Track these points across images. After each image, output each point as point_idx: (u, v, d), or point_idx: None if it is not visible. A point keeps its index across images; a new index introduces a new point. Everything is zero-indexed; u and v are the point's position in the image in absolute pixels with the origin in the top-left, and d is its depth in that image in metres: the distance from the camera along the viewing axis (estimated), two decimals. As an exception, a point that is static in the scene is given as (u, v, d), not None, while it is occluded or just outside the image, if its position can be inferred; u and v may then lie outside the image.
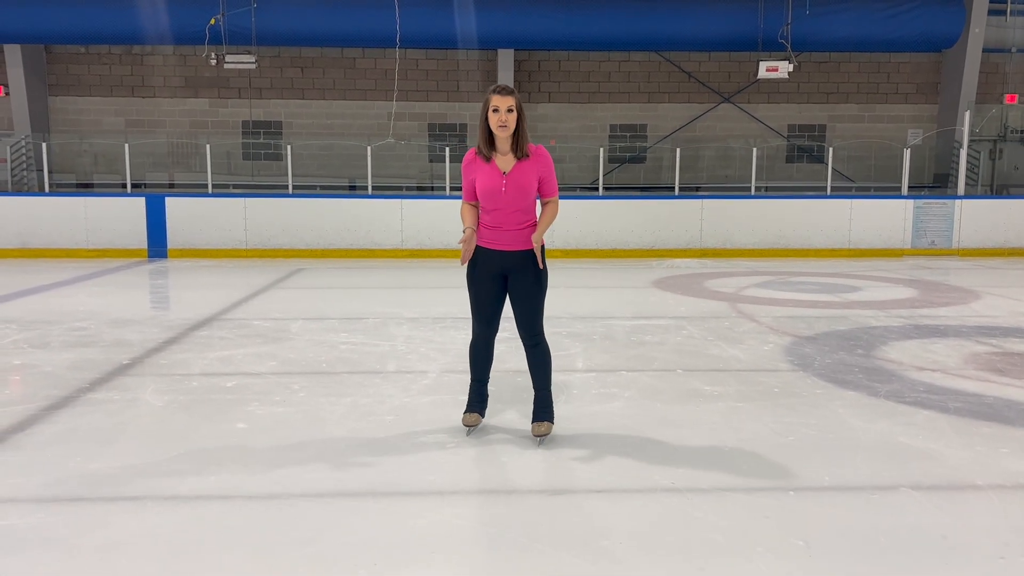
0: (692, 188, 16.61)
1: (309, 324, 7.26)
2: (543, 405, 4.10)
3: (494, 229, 3.93)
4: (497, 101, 3.74)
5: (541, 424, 4.05)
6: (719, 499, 3.36)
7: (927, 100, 18.08)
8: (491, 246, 3.95)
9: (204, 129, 17.49)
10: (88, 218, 13.07)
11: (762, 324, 7.31)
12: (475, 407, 4.20)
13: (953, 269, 11.84)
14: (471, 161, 3.94)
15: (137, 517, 3.17)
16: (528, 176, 3.87)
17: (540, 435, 4.03)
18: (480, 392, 4.21)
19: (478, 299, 4.05)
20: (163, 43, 16.57)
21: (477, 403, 4.21)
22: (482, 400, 4.22)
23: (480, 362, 4.17)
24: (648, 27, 16.07)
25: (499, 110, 3.74)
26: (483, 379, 4.21)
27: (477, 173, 3.90)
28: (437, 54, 17.53)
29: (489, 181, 3.86)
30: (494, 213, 3.90)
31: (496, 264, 3.96)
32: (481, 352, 4.15)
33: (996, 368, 5.63)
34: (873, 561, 2.82)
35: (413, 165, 17.63)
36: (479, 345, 4.15)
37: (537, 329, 4.04)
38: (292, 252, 13.17)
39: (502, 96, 3.75)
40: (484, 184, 3.87)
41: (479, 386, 4.21)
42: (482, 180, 3.87)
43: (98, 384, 5.16)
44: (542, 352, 4.06)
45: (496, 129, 3.77)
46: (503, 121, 3.74)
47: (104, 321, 7.33)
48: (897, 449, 3.97)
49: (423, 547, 2.93)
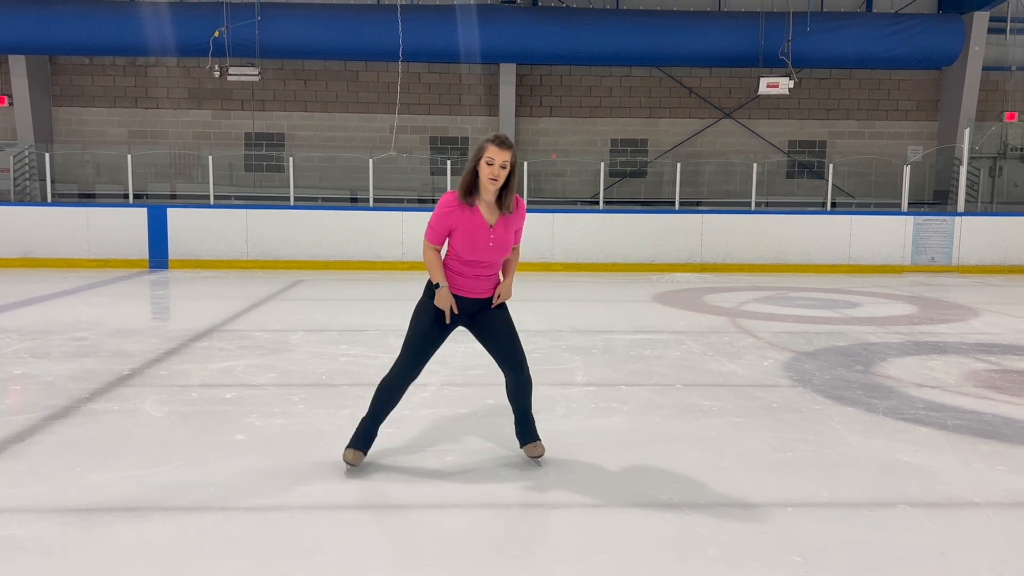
0: (693, 203, 16.65)
1: (309, 336, 7.27)
2: (532, 424, 4.01)
3: (465, 277, 3.75)
4: (494, 153, 3.54)
5: (537, 444, 4.00)
6: (717, 514, 3.36)
7: (927, 117, 18.15)
8: (460, 293, 3.77)
9: (207, 140, 17.57)
10: (90, 228, 13.11)
11: (762, 339, 7.32)
12: (363, 444, 3.84)
13: (953, 286, 11.85)
14: (455, 208, 3.65)
15: (136, 527, 3.18)
16: (510, 231, 3.75)
17: (539, 455, 3.99)
18: (372, 431, 3.87)
19: (425, 337, 3.78)
20: (167, 55, 16.67)
21: (365, 441, 3.85)
22: (371, 439, 3.88)
23: (391, 403, 3.85)
24: (649, 43, 16.15)
25: (494, 163, 3.55)
26: (382, 419, 3.89)
27: (460, 221, 3.64)
28: (439, 68, 17.62)
29: (475, 232, 3.65)
30: (471, 264, 3.72)
31: (461, 309, 3.77)
32: (397, 392, 3.83)
33: (995, 385, 5.63)
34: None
35: (415, 178, 17.69)
36: (398, 385, 3.81)
37: (524, 357, 3.94)
38: (293, 263, 13.20)
39: (500, 149, 3.55)
40: (468, 235, 3.64)
41: (373, 425, 3.86)
42: (466, 230, 3.64)
43: (98, 394, 5.16)
44: (529, 377, 3.96)
45: (486, 181, 3.58)
46: (495, 176, 3.56)
47: (105, 331, 7.35)
48: (895, 466, 3.97)
49: (421, 560, 2.93)
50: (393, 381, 3.81)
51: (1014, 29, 17.86)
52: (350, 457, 3.80)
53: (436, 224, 3.71)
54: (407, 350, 3.80)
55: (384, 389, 3.83)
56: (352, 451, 3.81)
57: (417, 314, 3.81)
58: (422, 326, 3.79)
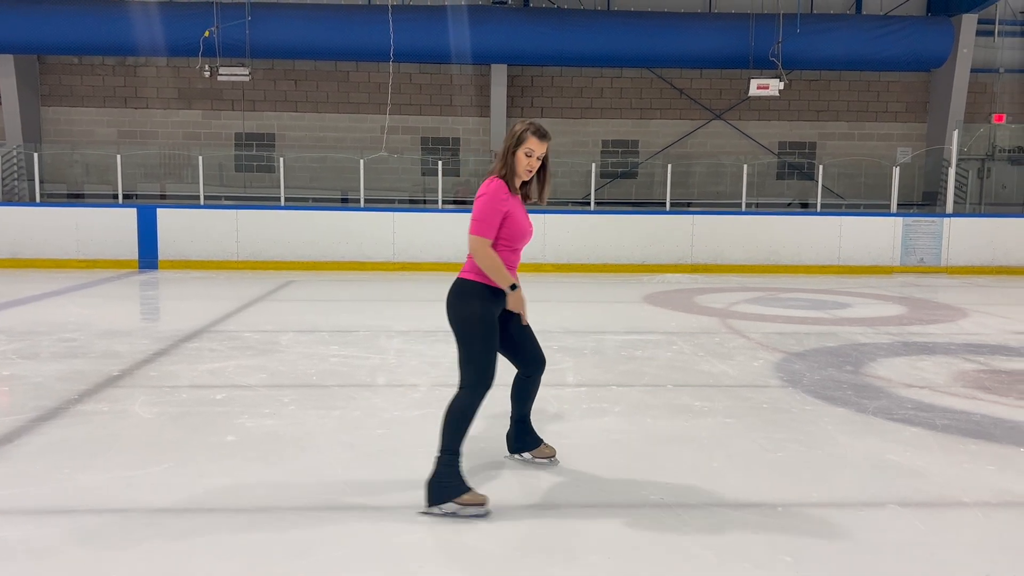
0: (683, 204, 16.69)
1: (300, 336, 7.25)
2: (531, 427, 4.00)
3: (511, 268, 3.59)
4: (534, 145, 3.48)
5: (549, 445, 4.00)
6: (708, 515, 3.37)
7: (916, 119, 18.25)
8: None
9: (197, 141, 17.51)
10: (79, 228, 13.04)
11: (752, 340, 7.35)
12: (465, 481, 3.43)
13: (941, 287, 11.92)
14: (508, 195, 3.50)
15: (125, 529, 3.16)
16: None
17: (554, 454, 3.98)
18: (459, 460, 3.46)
19: (493, 346, 3.48)
20: (156, 54, 16.61)
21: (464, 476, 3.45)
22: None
23: (469, 426, 3.46)
24: (640, 44, 16.19)
25: (533, 155, 3.49)
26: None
27: (512, 208, 3.51)
28: (431, 68, 17.61)
29: (521, 218, 3.56)
30: (516, 252, 3.61)
31: (500, 305, 3.55)
32: (476, 414, 3.47)
33: (983, 386, 5.67)
34: (860, 577, 2.84)
35: (406, 178, 17.67)
36: (479, 404, 3.45)
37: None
38: (284, 264, 13.16)
39: (541, 141, 3.50)
40: (518, 222, 3.52)
41: (460, 456, 3.45)
42: (516, 217, 3.51)
43: (87, 396, 5.14)
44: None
45: (523, 172, 3.52)
46: (532, 167, 3.52)
47: (94, 332, 7.31)
48: (885, 466, 3.99)
49: (412, 561, 2.93)
50: (474, 402, 3.43)
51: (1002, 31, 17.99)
52: (479, 499, 3.36)
53: (492, 217, 3.43)
54: (484, 365, 3.43)
55: (462, 415, 3.41)
56: (474, 494, 3.37)
57: (472, 325, 3.43)
58: (485, 335, 3.45)
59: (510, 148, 3.51)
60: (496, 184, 3.47)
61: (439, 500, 3.34)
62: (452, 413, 3.42)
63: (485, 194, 3.45)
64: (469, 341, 3.44)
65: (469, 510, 3.33)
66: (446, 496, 3.33)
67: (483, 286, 3.47)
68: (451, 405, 3.44)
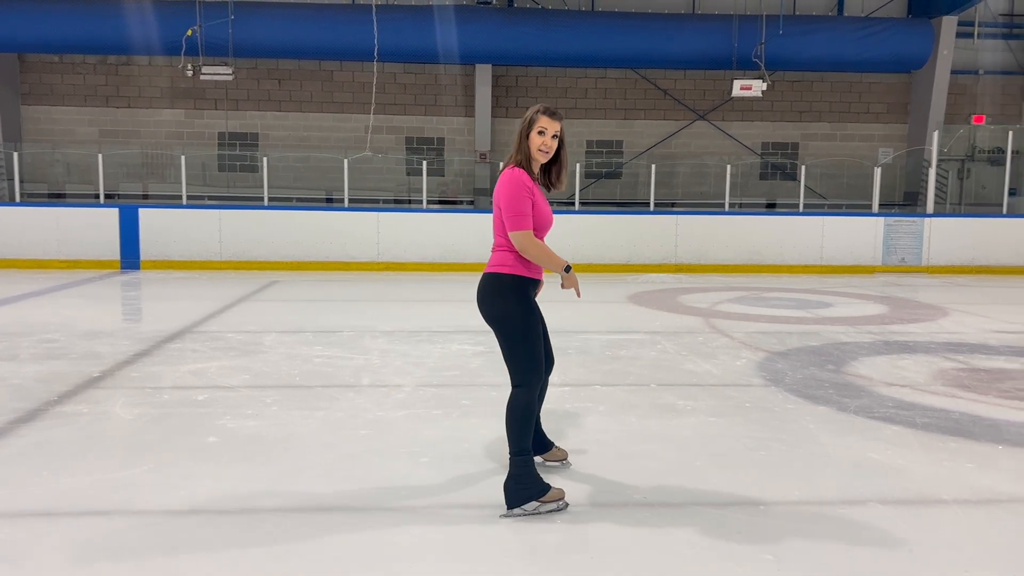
0: (667, 204, 16.75)
1: (283, 337, 7.22)
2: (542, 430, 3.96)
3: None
4: (546, 123, 3.39)
5: (560, 448, 3.99)
6: (690, 514, 3.38)
7: (897, 120, 18.40)
8: (536, 275, 3.51)
9: (179, 140, 17.39)
10: (60, 229, 12.92)
11: (735, 339, 7.38)
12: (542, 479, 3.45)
13: (922, 286, 12.03)
14: (532, 183, 3.40)
15: (104, 531, 3.14)
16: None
17: (564, 457, 3.97)
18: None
19: (538, 337, 3.43)
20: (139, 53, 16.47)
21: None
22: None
23: (534, 418, 3.46)
24: (624, 44, 16.22)
25: (546, 133, 3.39)
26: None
27: (537, 196, 3.41)
28: (415, 68, 17.58)
29: (543, 205, 3.45)
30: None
31: (534, 293, 3.53)
32: (536, 404, 3.47)
33: (963, 384, 5.72)
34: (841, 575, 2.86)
35: (390, 178, 17.63)
36: (535, 396, 3.43)
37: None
38: (267, 264, 13.10)
39: (552, 119, 3.40)
40: (541, 209, 3.42)
41: (531, 452, 3.45)
42: (539, 205, 3.41)
43: (67, 397, 5.09)
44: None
45: (537, 153, 3.41)
46: (548, 147, 3.41)
47: (75, 333, 7.25)
48: (866, 464, 4.02)
49: (395, 562, 2.92)
50: (531, 398, 3.40)
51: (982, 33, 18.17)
52: (558, 494, 3.40)
53: (524, 206, 3.33)
54: (528, 361, 3.37)
55: (526, 410, 3.38)
56: (555, 490, 3.40)
57: (514, 322, 3.38)
58: (527, 329, 3.39)
59: (523, 132, 3.43)
60: (516, 171, 3.37)
61: (521, 501, 3.33)
62: (513, 413, 3.38)
63: (507, 184, 3.34)
64: (513, 338, 3.38)
65: (549, 506, 3.35)
66: (527, 496, 3.34)
67: (516, 278, 3.40)
68: (510, 406, 3.40)
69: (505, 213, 3.35)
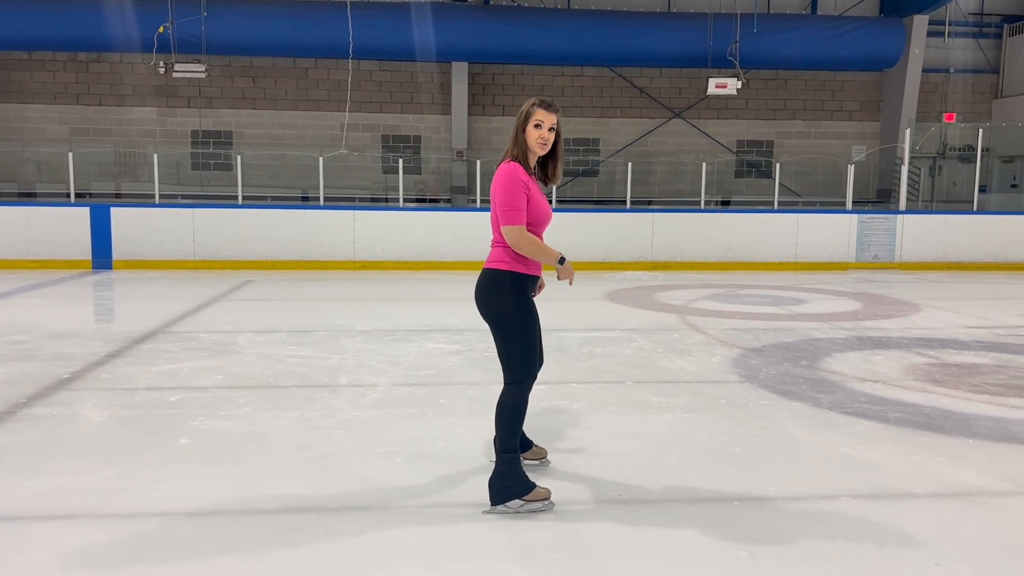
0: (644, 202, 16.81)
1: (257, 337, 7.15)
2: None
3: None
4: (542, 116, 3.38)
5: (540, 447, 3.99)
6: (666, 510, 3.39)
7: (870, 118, 18.61)
8: (535, 272, 3.47)
9: (152, 138, 17.19)
10: (30, 228, 12.71)
11: (710, 336, 7.42)
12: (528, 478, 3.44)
13: (895, 282, 12.16)
14: (527, 178, 3.36)
15: (71, 535, 3.08)
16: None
17: (544, 456, 3.97)
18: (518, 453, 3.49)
19: (534, 333, 3.43)
20: (110, 50, 16.27)
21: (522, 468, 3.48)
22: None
23: (524, 415, 3.46)
24: (600, 42, 16.26)
25: (542, 126, 3.38)
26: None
27: (533, 191, 3.38)
28: (391, 66, 17.51)
29: (541, 201, 3.41)
30: (539, 236, 3.49)
31: (532, 290, 3.49)
32: (527, 403, 3.46)
33: (934, 379, 5.79)
34: (815, 570, 2.87)
35: (366, 177, 17.55)
36: (527, 393, 3.43)
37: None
38: (241, 264, 12.97)
39: (548, 112, 3.39)
40: (538, 204, 3.39)
41: (518, 449, 3.48)
42: (535, 200, 3.38)
43: (36, 399, 5.01)
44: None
45: (535, 146, 3.38)
46: (545, 139, 3.39)
47: (44, 334, 7.14)
48: (839, 459, 4.05)
49: (368, 563, 2.90)
50: (523, 396, 3.41)
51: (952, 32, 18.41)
52: (542, 494, 3.38)
53: (518, 201, 3.30)
54: (522, 358, 3.37)
55: (517, 407, 3.39)
56: (539, 489, 3.38)
57: (510, 318, 3.36)
58: (523, 327, 3.37)
59: (519, 126, 3.41)
60: (512, 166, 3.35)
61: (504, 499, 3.33)
62: (504, 411, 3.38)
63: (503, 179, 3.32)
64: (508, 335, 3.37)
65: (534, 505, 3.34)
66: (511, 494, 3.33)
67: (513, 274, 3.37)
68: (501, 403, 3.39)
69: (499, 208, 3.33)
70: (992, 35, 18.80)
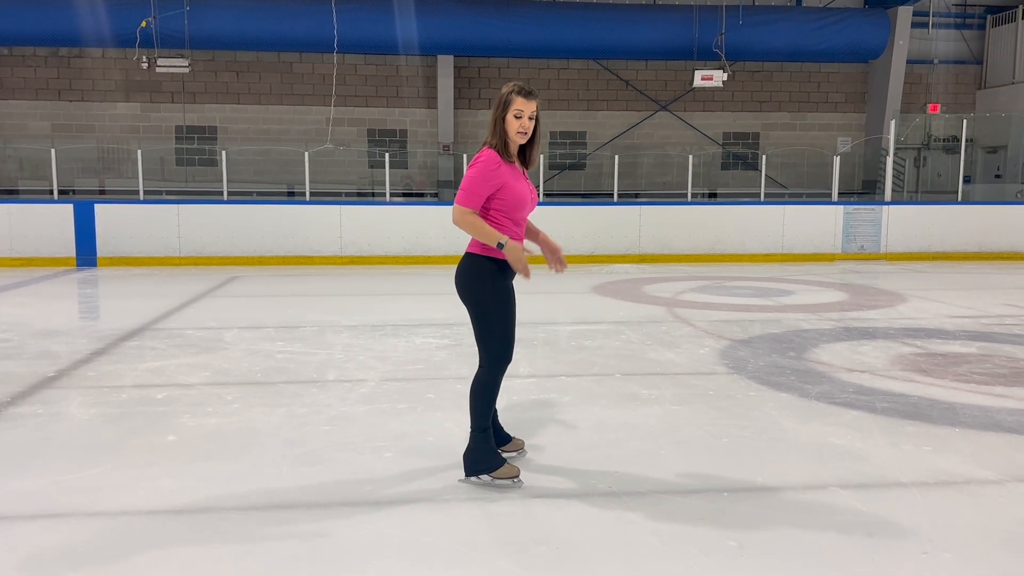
0: (631, 195, 16.83)
1: (244, 333, 7.12)
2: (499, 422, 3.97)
3: (517, 239, 3.51)
4: (522, 105, 3.36)
5: (517, 439, 4.00)
6: (655, 502, 3.39)
7: (855, 109, 18.69)
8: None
9: (136, 134, 17.06)
10: (12, 226, 12.59)
11: (698, 328, 7.43)
12: (501, 456, 3.62)
13: (881, 273, 12.22)
14: (501, 164, 3.37)
15: (58, 534, 3.06)
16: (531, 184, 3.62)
17: (521, 447, 3.98)
18: (493, 436, 3.64)
19: (510, 317, 3.48)
20: (92, 45, 16.11)
21: (497, 450, 3.65)
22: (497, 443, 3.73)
23: (496, 398, 3.58)
24: (586, 35, 16.25)
25: (523, 115, 3.36)
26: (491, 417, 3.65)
27: (507, 178, 3.40)
28: (376, 59, 17.43)
29: (520, 188, 3.43)
30: (519, 223, 3.52)
31: (511, 275, 3.51)
32: (500, 385, 3.56)
33: (921, 368, 5.82)
34: (804, 560, 2.88)
35: (352, 171, 17.48)
36: (500, 377, 3.54)
37: None
38: (227, 260, 12.90)
39: (528, 100, 3.37)
40: (515, 192, 3.41)
41: (492, 432, 3.62)
42: (513, 187, 3.41)
43: (20, 398, 4.96)
44: None
45: (515, 135, 3.39)
46: (525, 128, 3.39)
47: (29, 332, 7.07)
48: (827, 449, 4.07)
49: (357, 558, 2.89)
50: (495, 378, 3.50)
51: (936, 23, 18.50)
52: (512, 471, 3.54)
53: (479, 188, 3.34)
54: (504, 339, 3.45)
55: (488, 389, 3.50)
56: (508, 467, 3.56)
57: (486, 302, 3.42)
58: (506, 308, 3.45)
59: (498, 115, 3.41)
60: (488, 154, 3.37)
61: (475, 472, 3.55)
62: (476, 392, 3.52)
63: (474, 164, 3.37)
64: (483, 319, 3.45)
65: (503, 482, 3.52)
66: (481, 469, 3.54)
67: (493, 260, 3.42)
68: (474, 384, 3.53)
69: (460, 187, 3.40)
70: (975, 26, 18.90)
